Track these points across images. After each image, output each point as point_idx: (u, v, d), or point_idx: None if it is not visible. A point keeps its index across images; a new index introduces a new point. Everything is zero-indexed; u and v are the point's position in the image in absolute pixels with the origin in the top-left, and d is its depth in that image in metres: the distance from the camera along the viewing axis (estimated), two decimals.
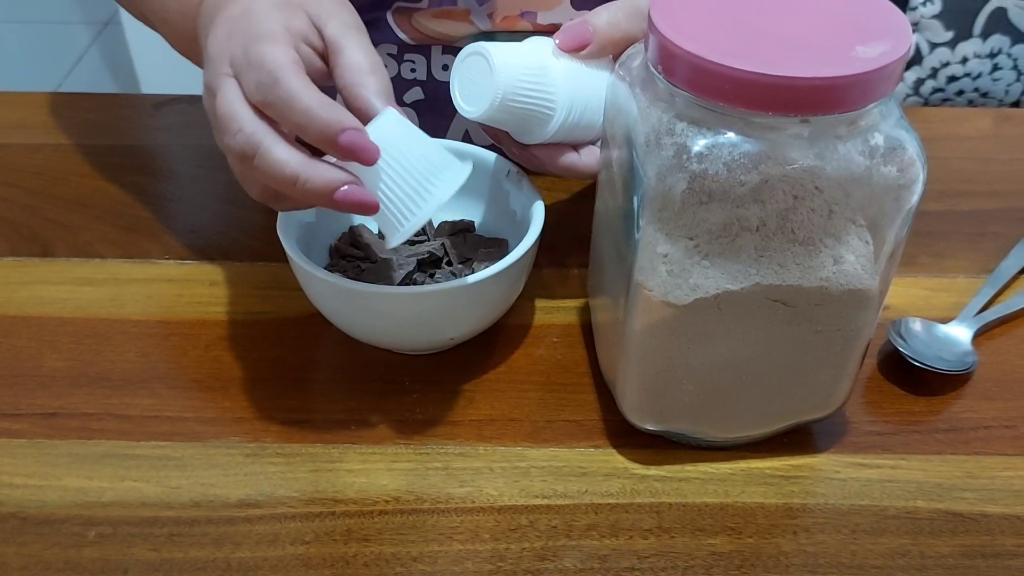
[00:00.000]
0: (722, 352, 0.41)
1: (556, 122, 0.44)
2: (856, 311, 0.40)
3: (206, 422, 0.46)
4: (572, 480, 0.44)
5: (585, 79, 0.44)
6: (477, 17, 0.55)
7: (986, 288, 0.53)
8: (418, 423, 0.46)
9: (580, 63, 0.44)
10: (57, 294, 0.53)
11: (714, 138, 0.36)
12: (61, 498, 0.42)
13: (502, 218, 0.52)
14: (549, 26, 0.55)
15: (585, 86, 0.44)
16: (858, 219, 0.38)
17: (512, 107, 0.43)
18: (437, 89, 0.58)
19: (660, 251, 0.38)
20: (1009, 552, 0.41)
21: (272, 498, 0.42)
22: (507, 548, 0.41)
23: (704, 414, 0.43)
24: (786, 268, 0.38)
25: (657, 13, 0.37)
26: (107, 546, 0.40)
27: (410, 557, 0.40)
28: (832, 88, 0.34)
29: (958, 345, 0.50)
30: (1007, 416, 0.47)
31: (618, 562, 0.40)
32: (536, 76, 0.43)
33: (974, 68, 0.89)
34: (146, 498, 0.42)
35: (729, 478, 0.44)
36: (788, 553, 0.41)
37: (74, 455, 0.44)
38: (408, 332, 0.47)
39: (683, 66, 0.35)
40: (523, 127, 0.45)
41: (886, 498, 0.43)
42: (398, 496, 0.43)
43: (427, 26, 0.55)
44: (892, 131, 0.37)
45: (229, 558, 0.40)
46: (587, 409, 0.47)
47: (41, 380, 0.48)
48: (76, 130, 0.66)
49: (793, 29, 0.36)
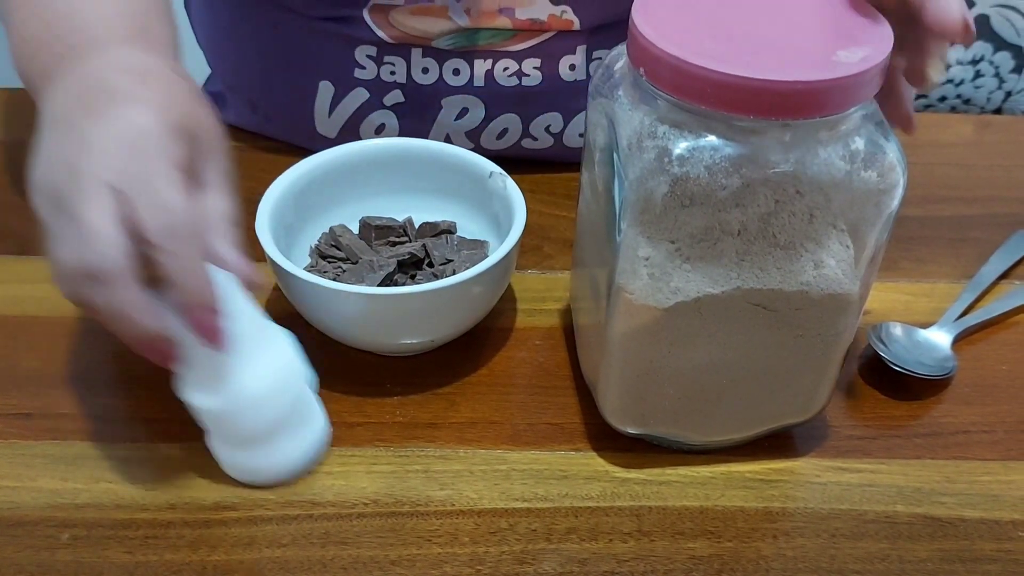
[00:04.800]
0: (703, 356, 0.41)
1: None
2: (836, 315, 0.40)
3: (183, 423, 0.45)
4: (552, 483, 0.43)
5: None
6: (455, 13, 0.54)
7: (966, 293, 0.53)
8: (398, 426, 0.46)
9: None
10: (33, 293, 0.52)
11: (695, 141, 0.36)
12: (35, 500, 0.42)
13: (484, 219, 0.52)
14: (527, 22, 0.55)
15: None
16: (839, 224, 0.38)
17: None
18: (417, 91, 0.57)
19: (641, 254, 0.38)
20: (987, 557, 0.41)
21: (249, 500, 0.42)
22: (486, 551, 0.40)
23: (685, 418, 0.43)
24: (767, 272, 0.38)
25: (639, 16, 0.37)
26: (81, 548, 0.40)
27: (389, 560, 0.40)
28: (813, 92, 0.34)
29: (938, 350, 0.50)
30: (986, 421, 0.47)
31: (598, 566, 0.40)
32: None
33: (956, 75, 0.90)
34: (121, 500, 0.42)
35: (709, 482, 0.44)
36: (768, 557, 0.41)
37: (49, 456, 0.44)
38: (388, 334, 0.46)
39: (665, 69, 0.35)
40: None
41: (866, 502, 0.43)
42: (377, 499, 0.42)
43: (405, 23, 0.55)
44: (873, 136, 0.37)
45: (205, 561, 0.40)
46: (568, 412, 0.47)
47: (16, 380, 0.47)
48: None
49: (775, 33, 0.36)
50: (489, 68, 0.56)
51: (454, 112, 0.58)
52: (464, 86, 0.57)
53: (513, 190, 0.49)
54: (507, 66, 0.56)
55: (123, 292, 0.35)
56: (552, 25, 0.55)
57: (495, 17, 0.55)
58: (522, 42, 0.56)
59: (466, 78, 0.57)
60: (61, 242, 0.36)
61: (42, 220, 0.37)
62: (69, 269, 0.36)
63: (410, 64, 0.56)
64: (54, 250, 0.36)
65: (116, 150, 0.36)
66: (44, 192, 0.36)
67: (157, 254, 0.35)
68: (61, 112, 0.38)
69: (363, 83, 0.58)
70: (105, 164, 0.35)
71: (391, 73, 0.57)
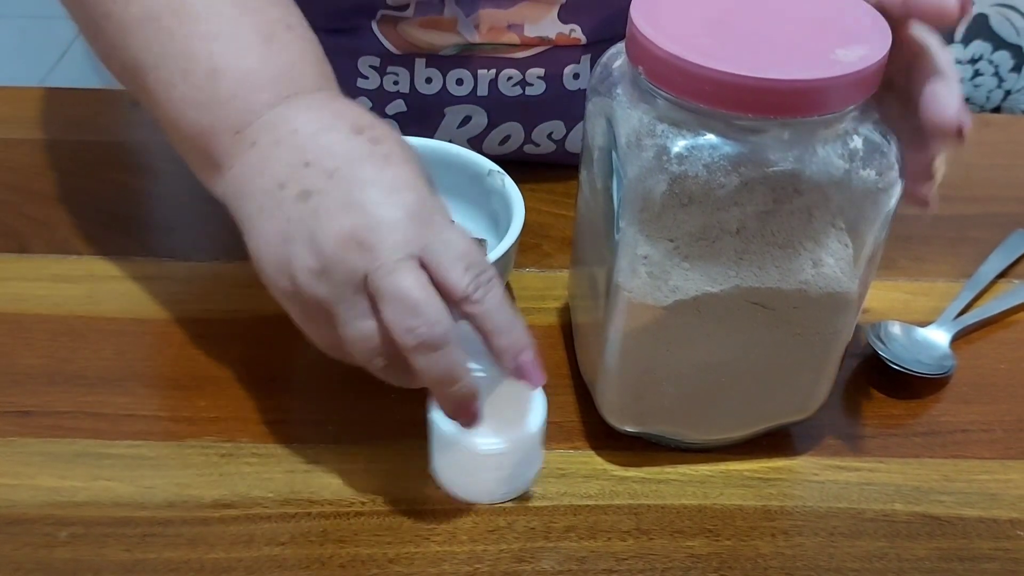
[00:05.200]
0: (701, 354, 0.41)
1: None
2: (835, 314, 0.40)
3: (181, 421, 0.46)
4: (551, 482, 0.43)
5: None
6: (464, 27, 0.54)
7: (965, 292, 0.53)
8: (396, 423, 0.46)
9: None
10: (33, 291, 0.52)
11: (694, 140, 0.36)
12: (33, 497, 0.42)
13: (482, 218, 0.52)
14: (535, 39, 0.55)
15: None
16: (838, 222, 0.38)
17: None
18: (420, 101, 0.57)
19: (640, 253, 0.38)
20: (985, 555, 0.41)
21: (247, 498, 0.42)
22: (484, 550, 0.40)
23: (683, 416, 0.43)
24: (765, 271, 0.38)
25: (638, 13, 0.37)
26: (79, 546, 0.40)
27: (386, 559, 0.40)
28: (812, 90, 0.34)
29: (937, 349, 0.50)
30: (984, 420, 0.47)
31: (596, 564, 0.40)
32: None
33: None
34: (120, 498, 0.42)
35: (708, 480, 0.44)
36: (766, 555, 0.41)
37: (47, 454, 0.44)
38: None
39: (664, 67, 0.35)
40: None
41: (864, 501, 0.43)
42: (374, 497, 0.42)
43: (413, 35, 0.55)
44: (871, 135, 0.37)
45: (203, 559, 0.40)
46: (567, 411, 0.47)
47: (15, 378, 0.47)
48: (55, 125, 0.66)
49: (774, 31, 0.36)
50: (493, 77, 0.56)
51: (456, 120, 0.58)
52: (467, 95, 0.57)
53: (511, 188, 0.49)
54: (511, 75, 0.56)
55: (454, 354, 0.36)
56: (560, 42, 0.55)
57: (503, 33, 0.55)
58: (526, 50, 0.56)
59: (469, 87, 0.57)
60: (357, 318, 0.36)
61: (318, 299, 0.36)
62: (389, 341, 0.36)
63: (413, 74, 0.56)
64: (350, 328, 0.36)
65: (404, 217, 0.36)
66: (331, 272, 0.35)
67: (469, 307, 0.36)
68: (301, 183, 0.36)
69: (365, 92, 0.57)
70: (401, 234, 0.35)
71: (394, 83, 0.57)
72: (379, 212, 0.35)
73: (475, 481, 0.42)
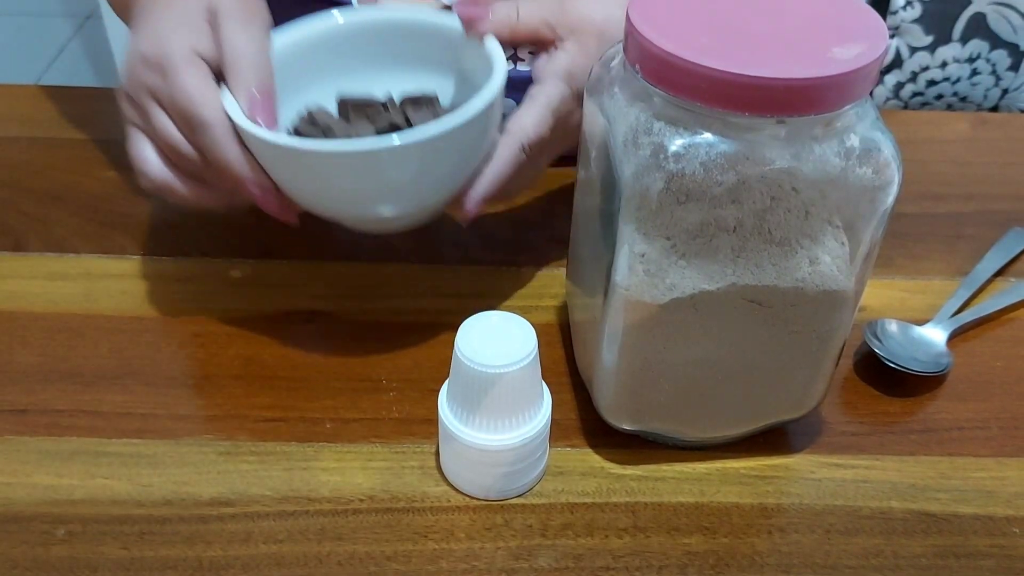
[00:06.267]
0: (698, 352, 0.41)
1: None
2: (831, 312, 0.40)
3: (179, 419, 0.46)
4: (548, 479, 0.43)
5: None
6: None
7: (961, 290, 0.54)
8: (394, 422, 0.46)
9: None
10: (30, 288, 0.52)
11: (691, 138, 0.36)
12: (30, 495, 0.42)
13: (467, 91, 0.48)
14: None
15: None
16: (834, 220, 0.39)
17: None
18: None
19: (637, 251, 0.38)
20: (981, 552, 0.41)
21: (245, 496, 0.42)
22: (482, 547, 0.40)
23: (680, 414, 0.43)
24: (762, 268, 0.38)
25: (635, 12, 0.37)
26: (76, 544, 0.40)
27: (384, 556, 0.40)
28: (808, 89, 0.34)
29: (933, 347, 0.50)
30: (980, 417, 0.47)
31: (593, 561, 0.40)
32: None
33: (953, 72, 0.90)
34: (117, 496, 0.42)
35: (704, 478, 0.44)
36: (762, 553, 0.41)
37: (44, 452, 0.44)
38: (345, 197, 0.44)
39: (660, 65, 0.35)
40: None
41: (860, 498, 0.43)
42: (373, 495, 0.42)
43: None
44: (868, 133, 0.37)
45: (201, 557, 0.40)
46: (564, 408, 0.47)
47: (12, 376, 0.47)
48: (52, 123, 0.66)
49: (770, 29, 0.36)
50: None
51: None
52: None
53: (492, 45, 0.47)
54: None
55: (223, 140, 0.43)
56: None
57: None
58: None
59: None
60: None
61: (144, 86, 0.45)
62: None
63: None
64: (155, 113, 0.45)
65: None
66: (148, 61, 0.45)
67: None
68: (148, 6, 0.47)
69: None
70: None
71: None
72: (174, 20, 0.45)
73: (480, 476, 0.42)
